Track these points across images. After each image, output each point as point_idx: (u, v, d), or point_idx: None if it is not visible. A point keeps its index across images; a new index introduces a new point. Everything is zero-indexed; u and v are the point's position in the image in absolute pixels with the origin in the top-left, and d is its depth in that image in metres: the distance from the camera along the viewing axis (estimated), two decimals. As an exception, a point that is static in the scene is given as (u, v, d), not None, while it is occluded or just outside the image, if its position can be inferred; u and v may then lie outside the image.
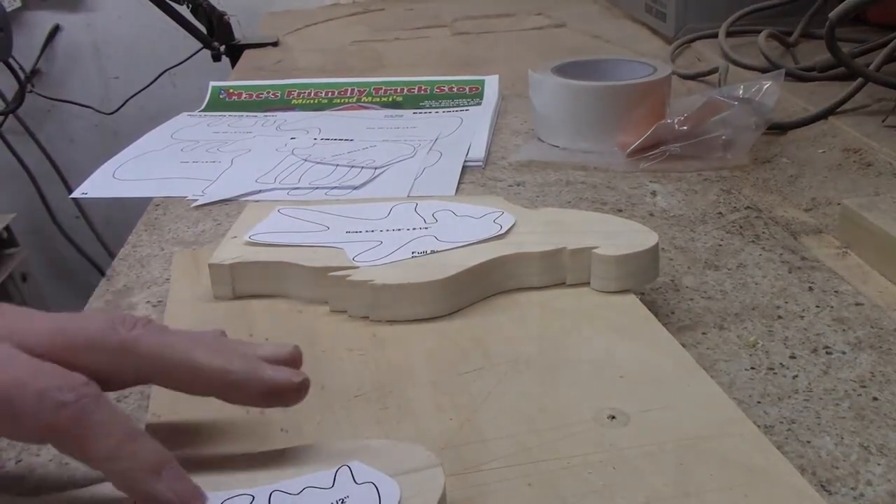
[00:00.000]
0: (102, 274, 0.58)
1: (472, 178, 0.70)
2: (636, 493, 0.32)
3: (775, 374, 0.43)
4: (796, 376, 0.42)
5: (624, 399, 0.38)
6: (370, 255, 0.48)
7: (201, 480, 0.30)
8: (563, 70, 0.77)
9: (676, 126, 0.71)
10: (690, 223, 0.60)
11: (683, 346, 0.43)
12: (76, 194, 0.71)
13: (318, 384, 0.40)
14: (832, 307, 0.49)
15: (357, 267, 0.47)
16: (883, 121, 0.73)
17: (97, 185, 0.72)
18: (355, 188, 0.67)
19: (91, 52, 1.83)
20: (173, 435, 0.36)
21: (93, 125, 1.86)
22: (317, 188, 0.68)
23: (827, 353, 0.44)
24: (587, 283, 0.48)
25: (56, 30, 1.81)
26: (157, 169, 0.74)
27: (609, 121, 0.73)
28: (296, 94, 0.95)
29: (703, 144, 0.71)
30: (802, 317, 0.48)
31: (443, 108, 0.89)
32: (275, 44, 1.24)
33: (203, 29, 1.33)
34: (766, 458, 0.34)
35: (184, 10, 1.32)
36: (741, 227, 0.60)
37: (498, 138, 0.80)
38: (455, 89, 0.94)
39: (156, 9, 1.32)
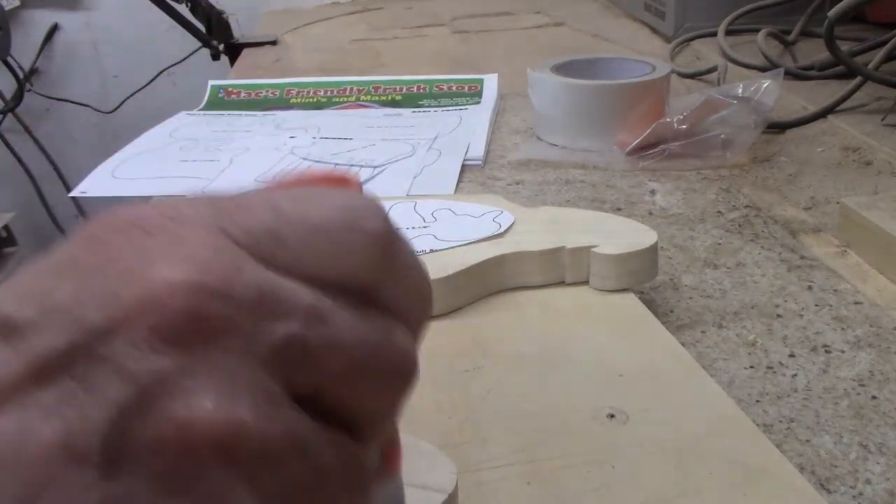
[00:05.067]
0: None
1: (472, 176, 0.70)
2: (635, 491, 0.32)
3: (774, 372, 0.43)
4: (795, 375, 0.42)
5: (623, 398, 0.38)
6: (369, 254, 0.48)
7: None
8: (563, 69, 0.77)
9: (675, 125, 0.71)
10: (689, 222, 0.60)
11: (682, 344, 0.43)
12: (75, 193, 0.71)
13: (318, 383, 0.40)
14: (831, 306, 0.49)
15: (356, 266, 0.46)
16: (882, 119, 0.73)
17: (96, 184, 0.72)
18: (354, 187, 0.67)
19: (90, 50, 1.83)
20: None
21: (92, 124, 1.86)
22: (316, 187, 0.67)
23: (826, 351, 0.44)
24: (586, 282, 0.48)
25: (55, 29, 1.81)
26: (156, 168, 0.74)
27: (608, 119, 0.73)
28: (295, 92, 0.95)
29: (702, 143, 0.70)
30: (801, 315, 0.48)
31: (442, 106, 0.89)
32: (274, 42, 1.24)
33: (202, 28, 1.33)
34: (765, 457, 0.34)
35: (183, 9, 1.32)
36: (740, 225, 0.59)
37: (497, 137, 0.80)
38: (454, 88, 0.93)
39: (155, 7, 1.31)
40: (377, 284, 0.20)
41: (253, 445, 0.17)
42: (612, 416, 0.37)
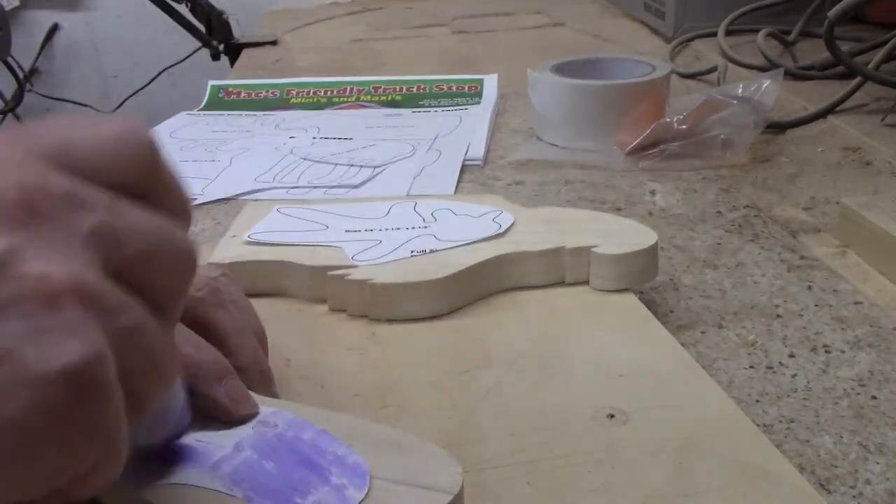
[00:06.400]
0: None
1: (472, 176, 0.70)
2: (635, 491, 0.32)
3: (774, 372, 0.43)
4: (795, 375, 0.42)
5: (623, 398, 0.38)
6: (369, 254, 0.48)
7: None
8: (562, 69, 0.77)
9: (675, 125, 0.71)
10: (689, 222, 0.60)
11: (682, 344, 0.43)
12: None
13: (318, 383, 0.40)
14: (831, 306, 0.49)
15: (356, 266, 0.47)
16: (882, 119, 0.73)
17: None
18: (354, 187, 0.67)
19: (90, 51, 1.83)
20: None
21: (92, 124, 1.86)
22: (316, 187, 0.67)
23: (826, 351, 0.44)
24: (586, 282, 0.48)
25: (55, 29, 1.81)
26: (156, 168, 0.74)
27: (608, 120, 0.73)
28: (295, 93, 0.95)
29: (703, 143, 0.71)
30: (801, 315, 0.48)
31: (442, 106, 0.89)
32: (274, 43, 1.24)
33: (202, 28, 1.33)
34: (764, 457, 0.34)
35: (183, 9, 1.32)
36: (740, 225, 0.60)
37: (497, 137, 0.80)
38: (454, 88, 0.94)
39: (155, 8, 1.32)
40: (152, 189, 0.25)
41: (93, 292, 0.21)
42: (612, 416, 0.37)
